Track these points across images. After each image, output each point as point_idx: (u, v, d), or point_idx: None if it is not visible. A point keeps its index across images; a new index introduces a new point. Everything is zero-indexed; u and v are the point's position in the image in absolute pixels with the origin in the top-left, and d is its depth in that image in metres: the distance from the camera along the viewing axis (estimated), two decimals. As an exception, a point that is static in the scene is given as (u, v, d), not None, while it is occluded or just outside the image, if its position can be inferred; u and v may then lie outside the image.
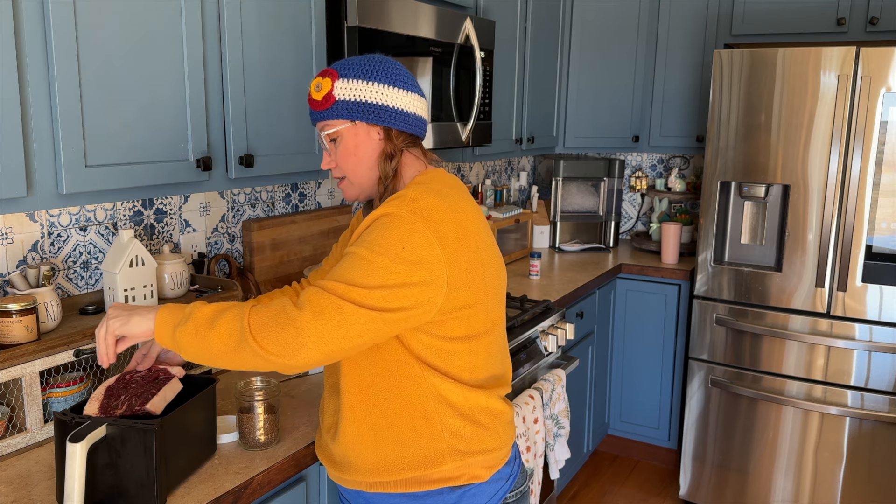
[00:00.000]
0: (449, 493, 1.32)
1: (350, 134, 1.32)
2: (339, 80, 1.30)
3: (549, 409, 2.36)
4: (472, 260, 1.28)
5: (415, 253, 1.19)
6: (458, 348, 1.29)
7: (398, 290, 1.18)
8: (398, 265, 1.18)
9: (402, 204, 1.24)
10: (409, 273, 1.19)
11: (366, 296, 1.17)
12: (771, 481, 2.93)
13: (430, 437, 1.30)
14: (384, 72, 1.31)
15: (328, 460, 1.40)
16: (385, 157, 1.33)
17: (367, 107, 1.30)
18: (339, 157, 1.34)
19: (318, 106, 1.32)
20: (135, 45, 1.46)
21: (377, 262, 1.18)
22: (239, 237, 2.23)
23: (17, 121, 1.27)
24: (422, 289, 1.20)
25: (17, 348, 1.41)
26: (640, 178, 3.69)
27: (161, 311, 1.25)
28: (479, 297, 1.30)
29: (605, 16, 3.43)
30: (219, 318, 1.19)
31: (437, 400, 1.29)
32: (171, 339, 1.22)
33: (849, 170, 2.63)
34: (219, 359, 1.19)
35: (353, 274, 1.18)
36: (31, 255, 1.68)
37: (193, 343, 1.19)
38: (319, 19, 1.91)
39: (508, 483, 1.40)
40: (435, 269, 1.21)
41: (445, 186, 1.32)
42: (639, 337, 3.41)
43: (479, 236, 1.31)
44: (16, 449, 1.43)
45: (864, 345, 2.67)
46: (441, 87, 2.30)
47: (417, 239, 1.20)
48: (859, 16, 2.97)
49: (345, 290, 1.17)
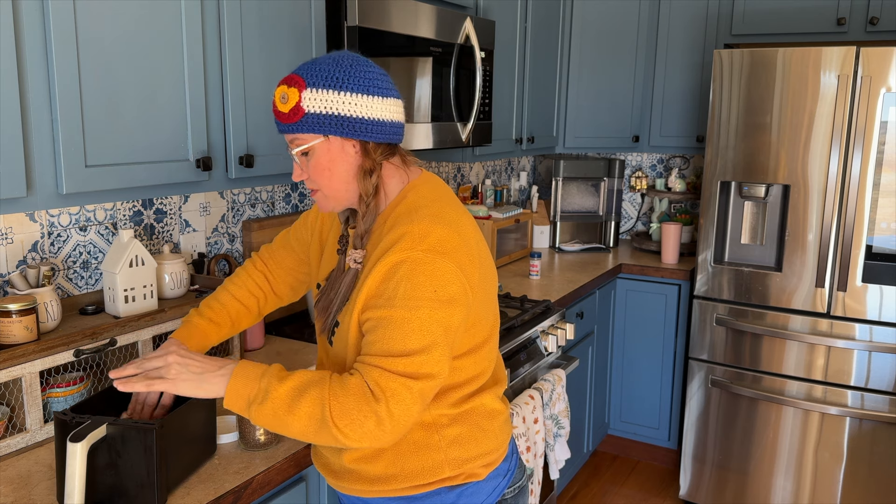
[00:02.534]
0: (447, 493, 1.32)
1: (323, 149, 1.21)
2: (307, 89, 1.18)
3: (549, 409, 2.36)
4: (482, 277, 1.27)
5: (447, 291, 1.17)
6: (464, 363, 1.29)
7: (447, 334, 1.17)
8: (438, 311, 1.16)
9: (414, 244, 1.17)
10: (451, 313, 1.17)
11: (426, 362, 1.14)
12: (771, 481, 2.93)
13: (429, 449, 1.29)
14: (356, 78, 1.19)
15: (325, 469, 1.39)
16: (364, 173, 1.24)
17: (341, 120, 1.18)
18: (312, 171, 1.24)
19: (285, 119, 1.20)
20: (135, 44, 1.46)
21: (420, 317, 1.14)
22: (239, 237, 2.23)
23: (17, 121, 1.27)
24: (460, 319, 1.20)
25: (17, 348, 1.41)
26: (640, 178, 3.69)
27: (233, 382, 1.16)
28: (484, 312, 1.30)
29: (605, 16, 3.43)
30: (299, 401, 1.12)
31: (436, 413, 1.29)
32: (245, 413, 1.16)
33: (849, 170, 2.63)
34: (296, 437, 1.15)
35: (403, 341, 1.14)
36: (31, 255, 1.68)
37: (271, 424, 1.14)
38: (319, 19, 1.91)
39: (506, 479, 1.39)
40: (466, 298, 1.21)
41: (440, 204, 1.25)
42: (639, 337, 3.41)
43: (480, 251, 1.29)
44: (16, 449, 1.43)
45: (864, 345, 2.67)
46: (441, 87, 2.30)
47: (444, 277, 1.17)
48: (859, 16, 2.97)
49: (406, 366, 1.13)
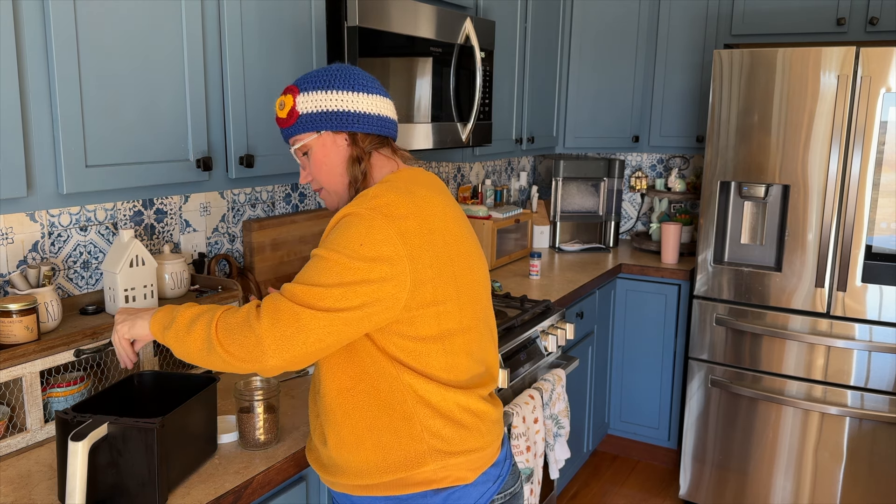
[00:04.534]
0: (433, 496, 1.31)
1: (318, 144, 1.36)
2: (301, 94, 1.34)
3: (549, 408, 2.36)
4: (438, 255, 1.27)
5: (374, 249, 1.20)
6: (432, 348, 1.29)
7: (357, 286, 1.19)
8: (356, 262, 1.19)
9: (362, 202, 1.25)
10: (368, 269, 1.19)
11: (322, 296, 1.18)
12: (771, 481, 2.93)
13: (411, 439, 1.29)
14: (343, 79, 1.34)
15: (317, 463, 1.40)
16: (353, 161, 1.35)
17: (330, 115, 1.32)
18: (313, 168, 1.38)
19: (284, 123, 1.36)
20: (135, 44, 1.46)
21: (335, 261, 1.20)
22: (239, 237, 2.23)
23: (18, 121, 1.27)
24: (381, 285, 1.20)
25: (18, 348, 1.41)
26: (640, 178, 3.69)
27: (155, 314, 1.31)
28: (449, 294, 1.29)
29: (605, 16, 3.43)
30: (194, 323, 1.24)
31: (415, 401, 1.28)
32: (162, 340, 1.29)
33: (849, 170, 2.63)
34: (197, 361, 1.25)
35: (312, 274, 1.21)
36: (31, 255, 1.69)
37: (176, 346, 1.26)
38: (319, 19, 1.91)
39: (496, 485, 1.38)
40: (396, 264, 1.21)
41: (414, 184, 1.32)
42: (639, 337, 3.41)
43: (447, 232, 1.31)
44: (16, 449, 1.43)
45: (864, 345, 2.68)
46: (441, 87, 2.30)
47: (377, 235, 1.21)
48: (859, 16, 2.97)
49: (302, 292, 1.19)
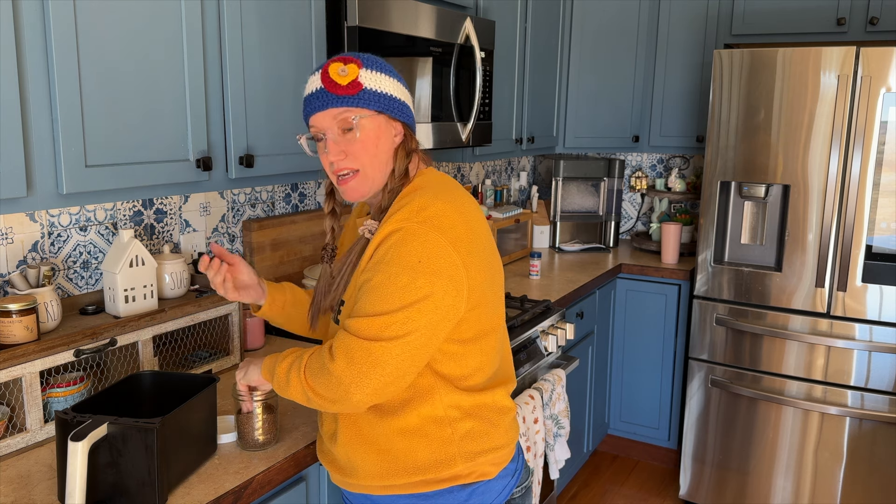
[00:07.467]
0: (459, 492, 1.31)
1: (374, 124, 1.26)
2: (364, 69, 1.25)
3: (549, 408, 2.36)
4: (484, 258, 1.28)
5: (432, 264, 1.18)
6: (470, 350, 1.29)
7: (420, 304, 1.17)
8: (417, 280, 1.17)
9: (410, 216, 1.20)
10: (430, 285, 1.17)
11: (388, 324, 1.16)
12: (771, 481, 2.93)
13: (442, 442, 1.29)
14: (395, 71, 1.31)
15: (331, 465, 1.39)
16: (405, 153, 1.31)
17: (392, 101, 1.27)
18: (358, 146, 1.26)
19: (341, 90, 1.23)
20: (135, 44, 1.46)
21: (397, 283, 1.17)
22: (239, 237, 2.23)
23: (17, 121, 1.27)
24: (443, 297, 1.19)
25: (17, 348, 1.41)
26: (640, 178, 3.69)
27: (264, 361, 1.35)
28: (488, 296, 1.30)
29: (605, 16, 3.43)
30: (289, 373, 1.26)
31: (448, 405, 1.28)
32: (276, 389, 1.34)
33: (849, 170, 2.63)
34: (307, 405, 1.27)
35: (375, 302, 1.18)
36: (31, 255, 1.69)
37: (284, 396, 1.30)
38: (319, 19, 1.91)
39: (514, 479, 1.40)
40: (454, 275, 1.20)
41: (446, 188, 1.30)
42: (639, 337, 3.41)
43: (485, 235, 1.31)
44: (16, 449, 1.43)
45: (864, 345, 2.67)
46: (441, 87, 2.30)
47: (432, 249, 1.18)
48: (859, 16, 2.97)
49: (368, 325, 1.17)
